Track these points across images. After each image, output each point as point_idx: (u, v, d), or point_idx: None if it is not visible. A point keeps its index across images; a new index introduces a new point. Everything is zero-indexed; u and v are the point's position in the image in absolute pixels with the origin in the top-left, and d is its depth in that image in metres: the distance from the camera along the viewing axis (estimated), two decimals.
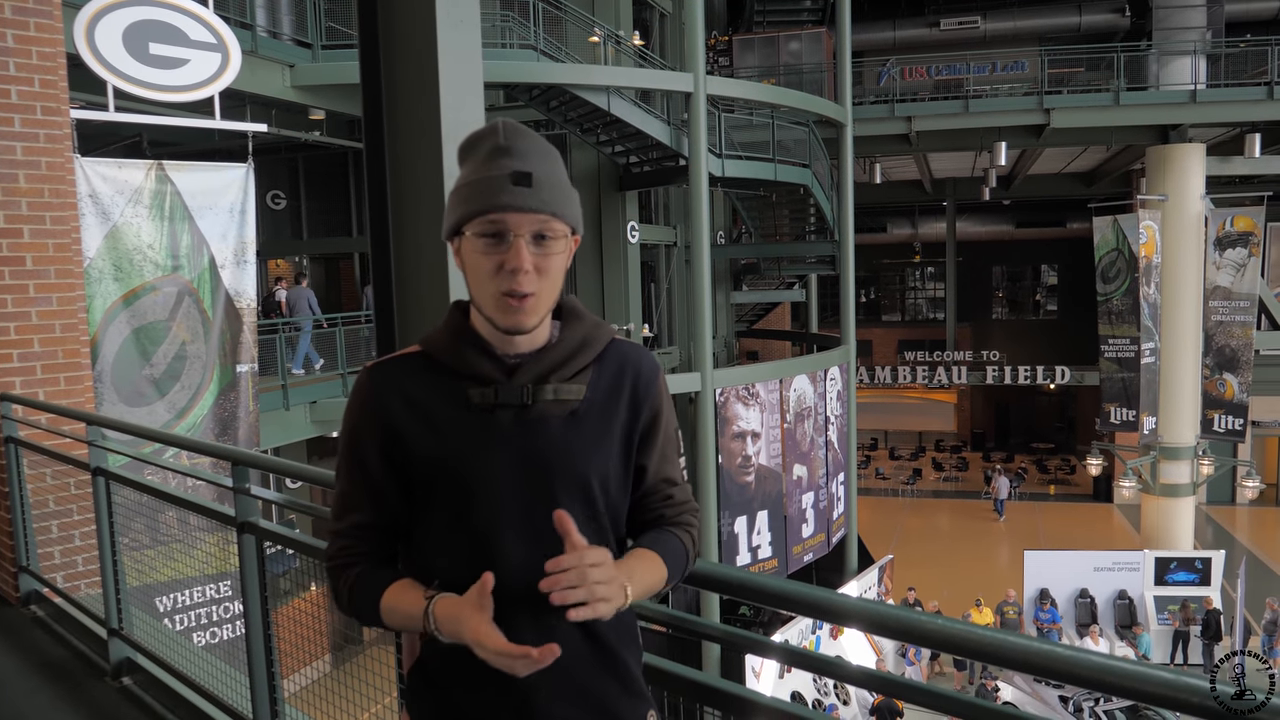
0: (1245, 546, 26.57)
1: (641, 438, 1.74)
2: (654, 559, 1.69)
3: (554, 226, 1.61)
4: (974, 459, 37.89)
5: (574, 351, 1.68)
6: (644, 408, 1.73)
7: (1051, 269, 40.40)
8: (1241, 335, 20.50)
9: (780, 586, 1.88)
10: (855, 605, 1.81)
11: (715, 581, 1.95)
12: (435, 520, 1.66)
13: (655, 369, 1.77)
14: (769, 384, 16.03)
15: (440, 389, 1.66)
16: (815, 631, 17.23)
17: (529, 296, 1.60)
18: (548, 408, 1.65)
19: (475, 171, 1.62)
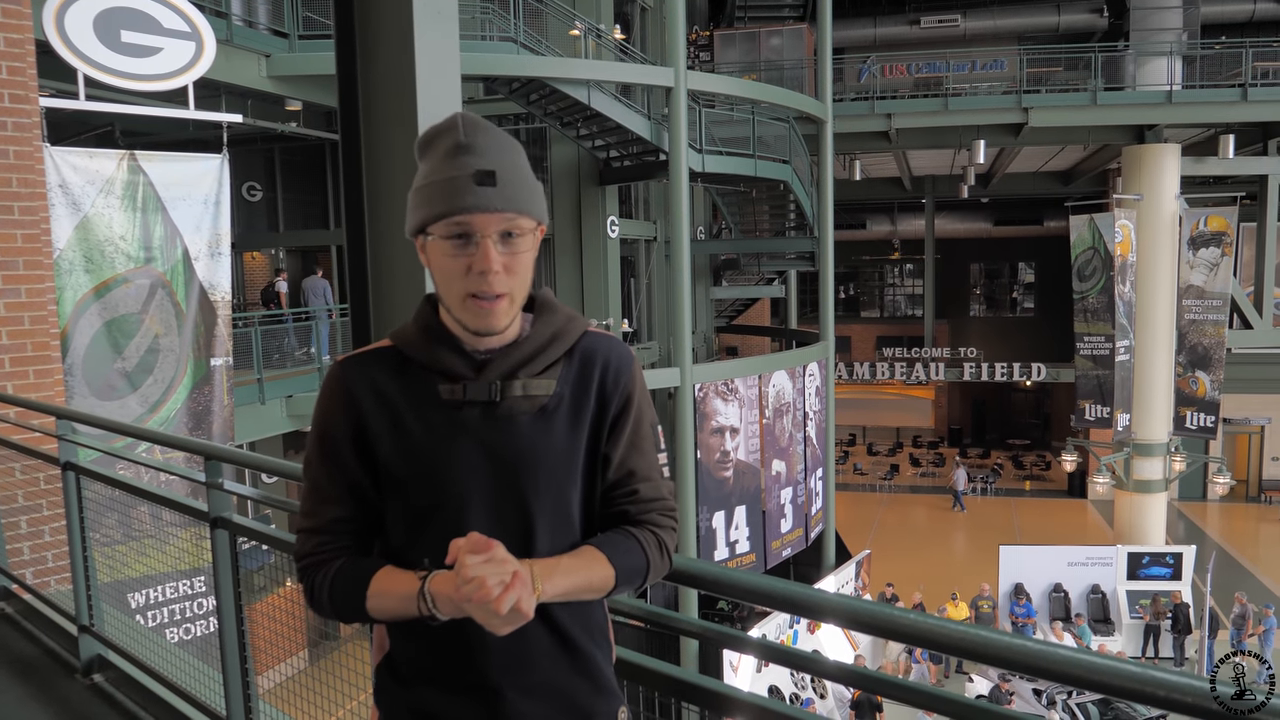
0: (1216, 542, 26.85)
1: (610, 428, 1.69)
2: (593, 558, 1.62)
3: (520, 224, 1.59)
4: (951, 455, 38.08)
5: (544, 346, 1.66)
6: (613, 398, 1.69)
7: (1029, 267, 40.66)
8: (1214, 334, 20.70)
9: (757, 582, 1.86)
10: (831, 600, 1.81)
11: (692, 577, 1.92)
12: (407, 517, 1.64)
13: (628, 359, 1.73)
14: (748, 379, 16.03)
15: (411, 385, 1.64)
16: (793, 626, 17.29)
17: (500, 298, 1.58)
18: (516, 404, 1.62)
19: (436, 171, 1.59)
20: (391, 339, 1.69)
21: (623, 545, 1.66)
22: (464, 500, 1.61)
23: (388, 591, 1.58)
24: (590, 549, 1.63)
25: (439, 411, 1.62)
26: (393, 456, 1.62)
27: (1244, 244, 25.99)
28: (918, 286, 40.51)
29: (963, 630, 1.57)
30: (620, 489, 1.71)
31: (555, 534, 1.64)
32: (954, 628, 1.58)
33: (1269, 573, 23.93)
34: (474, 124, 1.61)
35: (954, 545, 26.11)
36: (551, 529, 1.64)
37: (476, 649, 1.61)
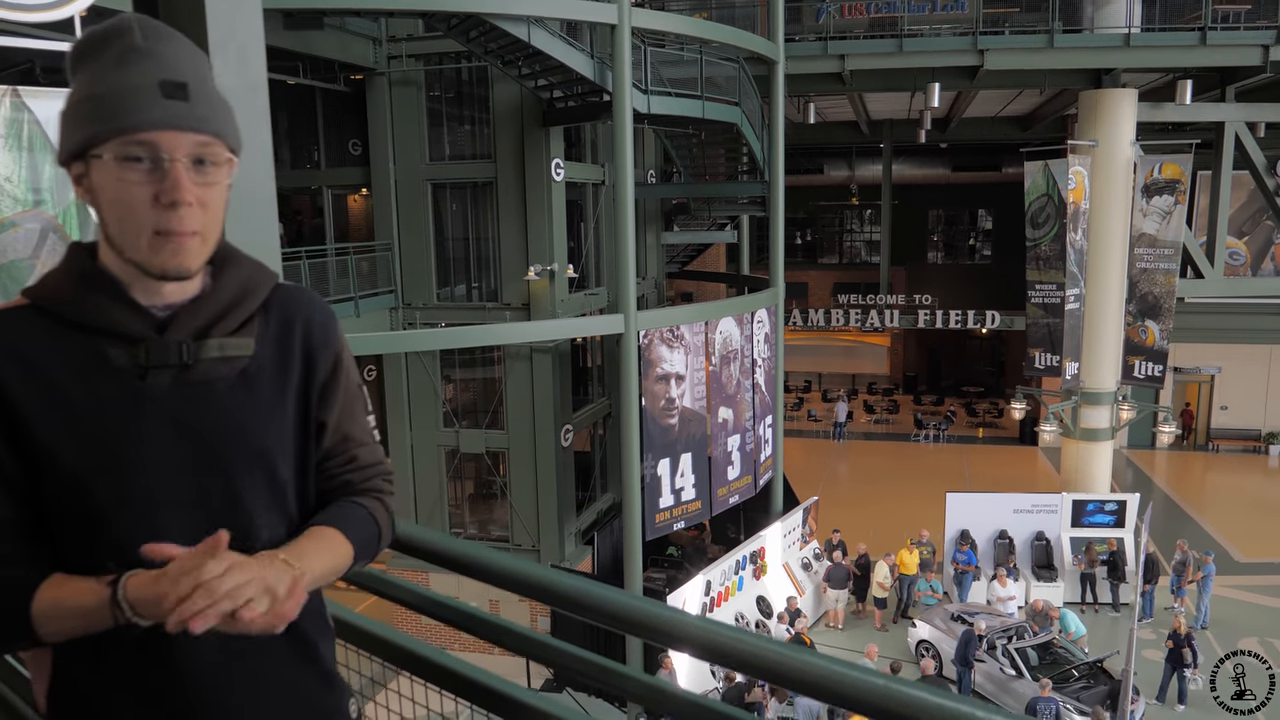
0: (1162, 490, 27.37)
1: (321, 391, 1.53)
2: (331, 537, 1.48)
3: (215, 150, 1.37)
4: (905, 402, 38.43)
5: (236, 299, 1.45)
6: (320, 358, 1.52)
7: (987, 213, 40.73)
8: (1165, 283, 20.82)
9: (607, 599, 1.61)
10: (682, 625, 1.55)
11: (554, 595, 1.69)
12: (81, 515, 1.38)
13: (330, 314, 1.57)
14: (694, 326, 15.93)
15: (68, 350, 1.36)
16: (738, 572, 17.43)
17: (194, 235, 1.35)
18: (213, 368, 1.42)
19: (108, 80, 1.33)
20: (28, 295, 1.41)
21: (354, 518, 1.53)
22: (155, 490, 1.38)
23: (62, 604, 1.32)
24: (324, 529, 1.49)
25: (112, 381, 1.37)
26: (55, 442, 1.35)
27: (1199, 192, 26.12)
28: (876, 233, 40.50)
29: (805, 662, 1.36)
30: (339, 457, 1.57)
31: (273, 518, 1.47)
32: (795, 659, 1.38)
33: (1212, 520, 24.44)
34: (153, 27, 1.37)
35: (905, 492, 26.37)
36: (269, 513, 1.46)
37: (183, 648, 1.38)
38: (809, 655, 1.34)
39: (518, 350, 16.21)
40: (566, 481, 17.24)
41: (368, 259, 15.81)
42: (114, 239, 1.37)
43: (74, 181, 1.37)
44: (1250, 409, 31.12)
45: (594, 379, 19.91)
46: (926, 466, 29.79)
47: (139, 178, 1.32)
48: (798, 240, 42.47)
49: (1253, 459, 30.49)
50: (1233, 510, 25.33)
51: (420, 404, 16.86)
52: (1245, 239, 29.52)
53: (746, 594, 17.55)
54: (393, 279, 16.17)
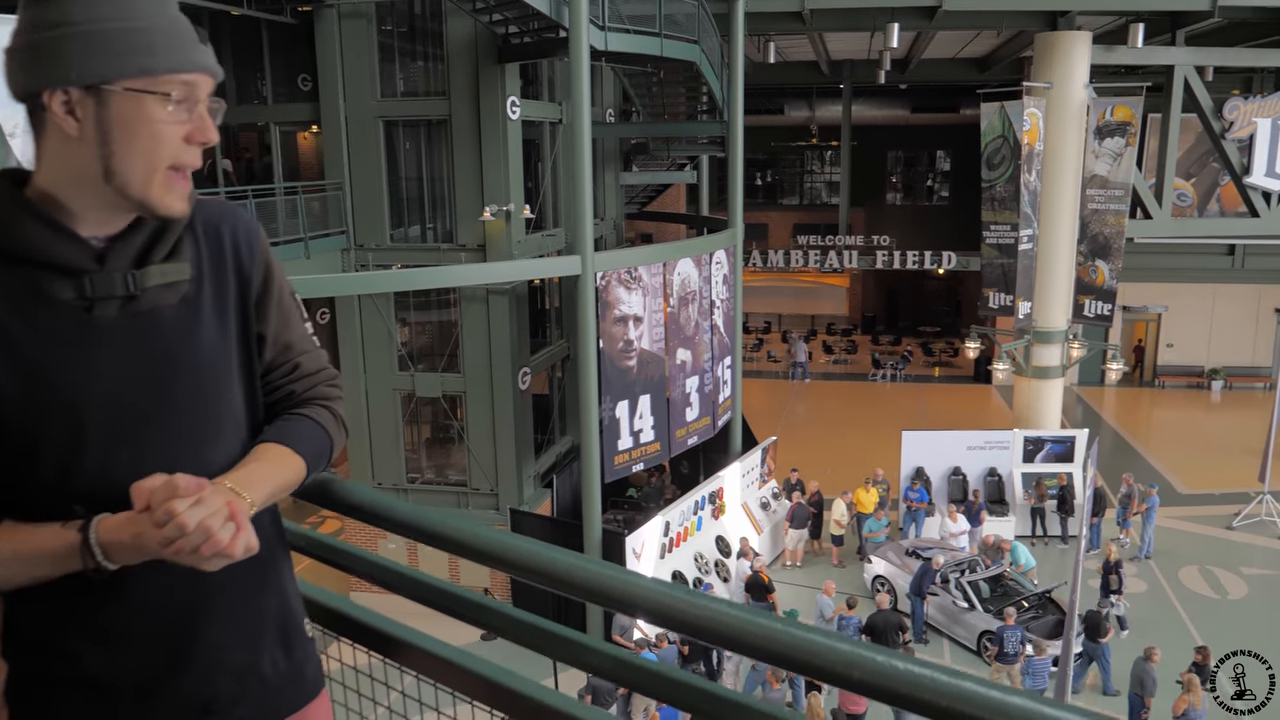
0: (1110, 425, 27.87)
1: (257, 304, 1.51)
2: (280, 454, 1.46)
3: (215, 98, 1.39)
4: (863, 342, 38.69)
5: (164, 223, 1.40)
6: (253, 269, 1.50)
7: (945, 155, 40.75)
8: (1115, 223, 20.99)
9: (553, 561, 1.49)
10: (638, 590, 1.40)
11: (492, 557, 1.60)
12: (37, 460, 1.33)
13: (253, 224, 1.53)
14: (652, 268, 15.83)
15: (6, 285, 1.30)
16: (697, 512, 17.56)
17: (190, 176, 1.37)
18: (157, 296, 1.38)
19: (149, 12, 1.29)
20: None
21: (303, 430, 1.52)
22: (115, 424, 1.34)
23: (20, 553, 1.29)
24: (273, 446, 1.47)
25: (58, 316, 1.32)
26: (3, 382, 1.30)
27: (1149, 135, 26.24)
28: (836, 174, 40.41)
29: (765, 626, 1.28)
30: (281, 367, 1.56)
31: (229, 441, 1.46)
32: (758, 625, 1.30)
33: (1157, 454, 24.95)
34: None
35: (862, 430, 26.64)
36: (225, 436, 1.45)
37: (151, 588, 1.38)
38: (762, 619, 1.28)
39: (474, 292, 16.02)
40: (524, 424, 17.18)
41: (318, 199, 15.45)
42: (120, 174, 1.31)
43: (47, 109, 1.29)
44: (1194, 346, 31.70)
45: (552, 321, 19.77)
46: (884, 405, 30.09)
47: (171, 116, 1.31)
48: (758, 181, 42.29)
49: (1196, 394, 31.13)
50: (1176, 444, 25.89)
51: (374, 348, 16.65)
52: (1192, 181, 29.78)
53: (705, 534, 17.70)
54: (344, 219, 15.84)
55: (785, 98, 38.31)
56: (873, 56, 28.80)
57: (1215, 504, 21.39)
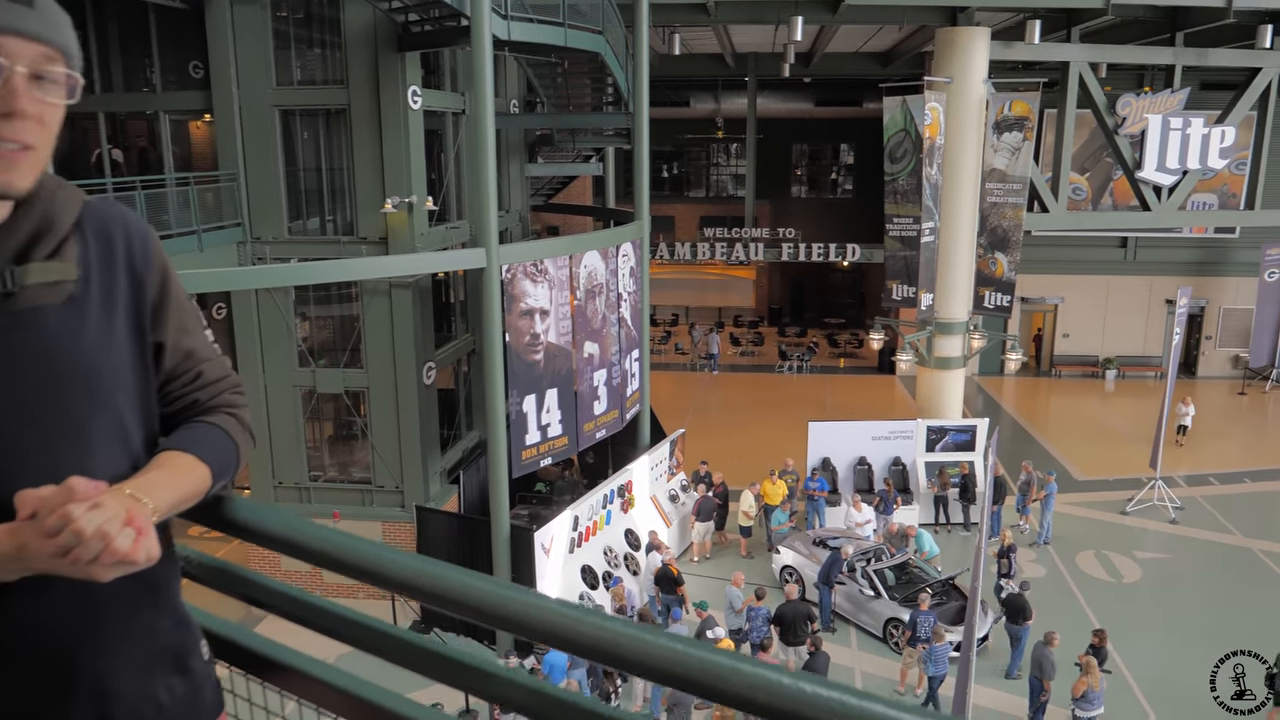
0: (1009, 414, 28.69)
1: (154, 310, 1.44)
2: (184, 462, 1.39)
3: (57, 68, 1.26)
4: (770, 334, 39.12)
5: (48, 219, 1.33)
6: (148, 274, 1.43)
7: (849, 148, 41.40)
8: (1013, 216, 21.57)
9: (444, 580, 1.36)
10: (532, 611, 1.28)
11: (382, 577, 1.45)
12: None
13: (146, 229, 1.46)
14: (558, 260, 15.69)
15: None
16: (606, 506, 17.52)
17: (28, 150, 1.24)
18: (38, 294, 1.30)
19: None
20: None
21: (208, 438, 1.46)
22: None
23: None
24: (175, 454, 1.39)
25: None
26: None
27: (1045, 129, 27.05)
28: (741, 166, 40.72)
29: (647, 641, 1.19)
30: (183, 376, 1.49)
31: (115, 450, 1.36)
32: (637, 640, 1.20)
33: (1054, 442, 25.78)
34: None
35: (769, 422, 26.93)
36: (112, 445, 1.36)
37: (33, 607, 1.29)
38: (664, 640, 1.19)
39: (376, 286, 15.69)
40: (430, 420, 16.91)
41: (212, 190, 14.92)
42: None
43: None
44: (1089, 337, 32.85)
45: (457, 315, 19.50)
46: (790, 397, 30.47)
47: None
48: (664, 174, 42.39)
49: (1091, 383, 32.26)
50: (1072, 432, 26.78)
51: (273, 343, 16.18)
52: (1087, 175, 30.86)
53: (614, 527, 17.68)
54: (240, 211, 15.34)
55: (691, 90, 38.47)
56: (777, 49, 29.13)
57: (1110, 490, 22.19)
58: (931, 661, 13.71)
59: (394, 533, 16.64)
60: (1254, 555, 18.93)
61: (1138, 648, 15.53)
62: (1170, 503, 20.81)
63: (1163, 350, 32.30)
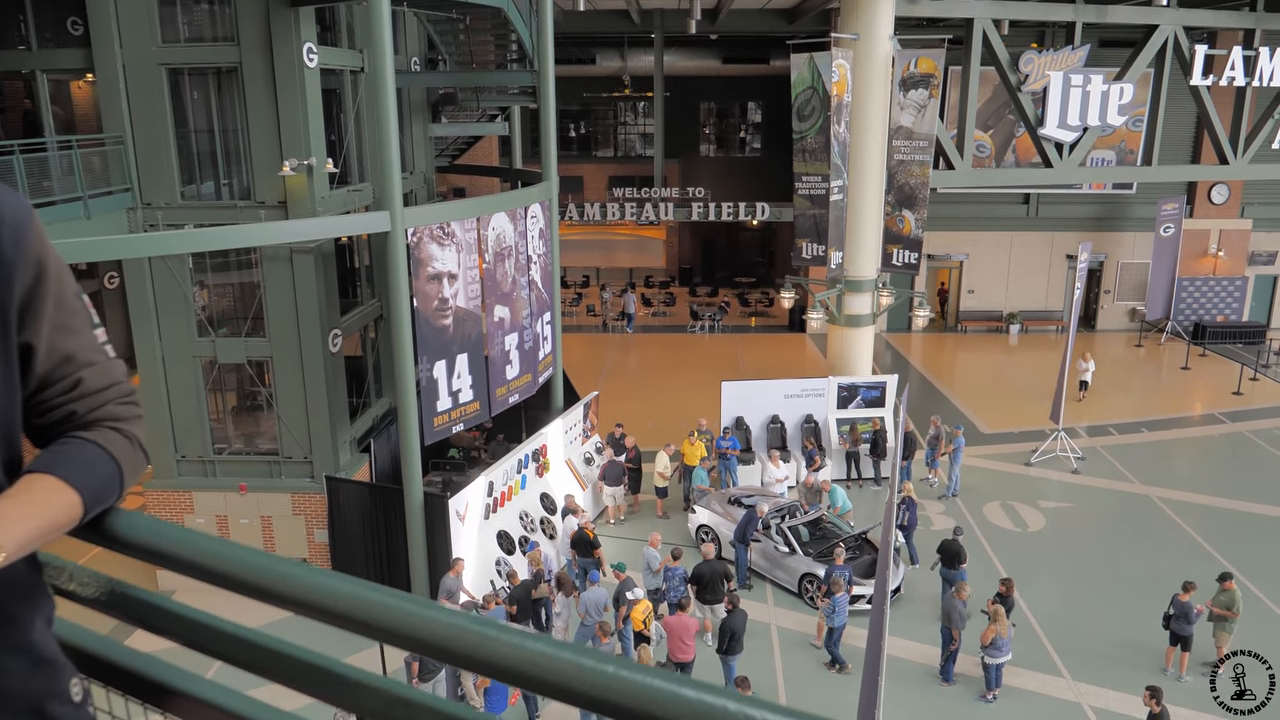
0: (918, 370, 29.41)
1: (22, 309, 1.28)
2: (47, 488, 1.24)
3: None
4: (682, 294, 39.32)
5: None
6: (18, 267, 1.26)
7: (757, 106, 41.60)
8: (920, 174, 21.99)
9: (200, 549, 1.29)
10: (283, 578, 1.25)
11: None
12: None
13: (26, 213, 1.28)
14: (465, 223, 15.50)
15: None
16: (521, 471, 17.51)
17: None
18: None
19: None
20: None
21: (82, 457, 1.29)
22: None
23: None
24: (37, 478, 1.24)
25: None
26: None
27: (950, 87, 27.57)
28: (650, 125, 40.64)
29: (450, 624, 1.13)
30: (58, 384, 1.32)
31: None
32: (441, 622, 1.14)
33: (961, 397, 26.54)
34: None
35: (683, 382, 27.16)
36: None
37: None
38: (567, 653, 1.08)
39: (276, 252, 15.29)
40: (337, 388, 16.64)
41: (98, 154, 14.32)
42: None
43: None
44: (993, 292, 33.80)
45: (362, 280, 19.16)
46: (703, 356, 30.75)
47: None
48: (571, 133, 42.07)
49: (995, 338, 33.24)
50: (979, 387, 27.61)
51: (170, 313, 15.68)
52: (990, 132, 31.59)
53: (530, 492, 17.70)
54: (128, 176, 14.76)
55: (597, 47, 38.15)
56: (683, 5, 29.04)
57: (1015, 442, 23.00)
58: (834, 613, 14.06)
59: (304, 504, 16.40)
60: (1151, 502, 19.84)
61: (1043, 595, 16.20)
62: (1072, 453, 21.66)
63: (1064, 305, 33.45)
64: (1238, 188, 32.44)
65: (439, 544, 15.04)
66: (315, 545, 16.54)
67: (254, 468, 16.55)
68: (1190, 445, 23.49)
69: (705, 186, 35.06)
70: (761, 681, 13.42)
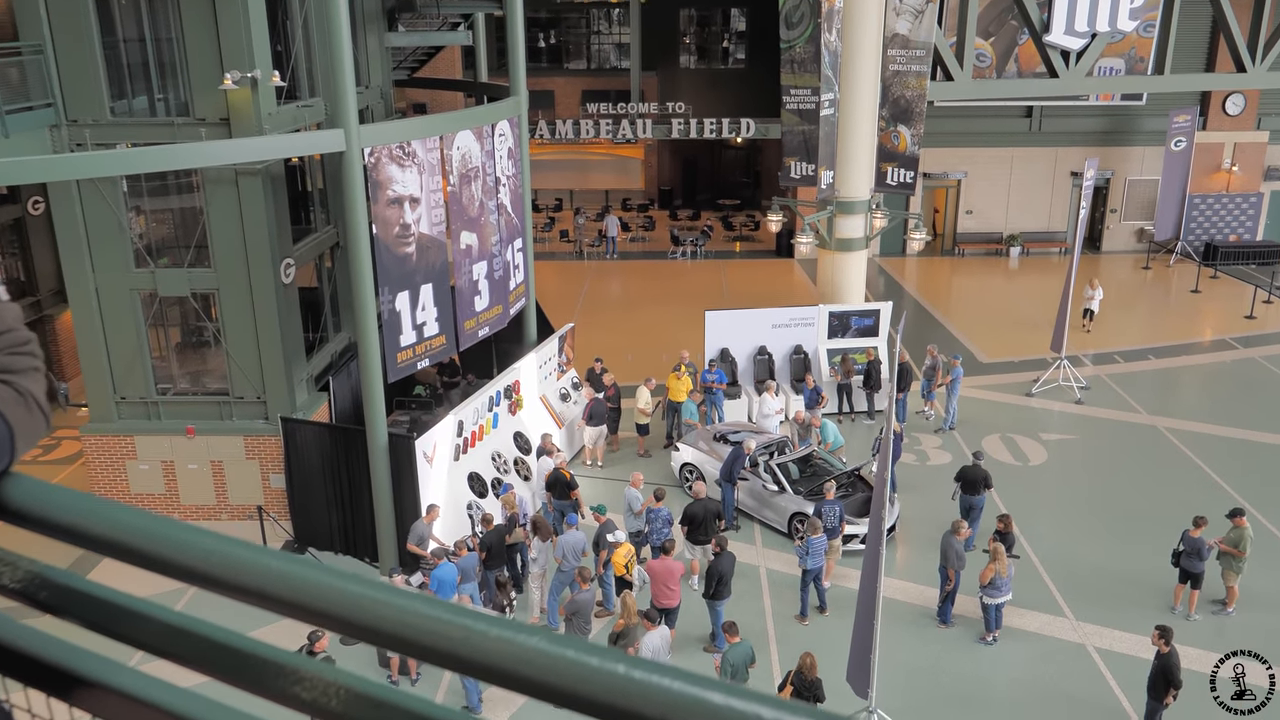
0: (913, 296, 29.34)
1: None
2: None
3: None
4: (661, 218, 38.94)
5: None
6: None
7: (741, 13, 40.80)
8: (916, 86, 21.60)
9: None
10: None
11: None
12: None
13: None
14: (427, 142, 15.11)
15: None
16: (493, 409, 17.38)
17: None
18: None
19: None
20: None
21: None
22: None
23: None
24: None
25: None
26: None
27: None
28: (625, 35, 39.87)
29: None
30: None
31: None
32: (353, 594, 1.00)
33: (959, 325, 26.50)
34: None
35: (663, 312, 26.98)
36: None
37: None
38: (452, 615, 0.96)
39: (220, 174, 14.86)
40: (291, 323, 16.34)
41: (14, 64, 13.77)
42: None
43: None
44: (993, 212, 33.64)
45: (316, 205, 18.75)
46: (685, 284, 30.54)
47: None
48: (540, 44, 41.26)
49: (995, 261, 33.17)
50: (977, 314, 27.59)
51: (103, 242, 15.26)
52: (991, 40, 31.10)
53: (503, 431, 17.57)
54: (50, 90, 14.23)
55: None
56: None
57: (1015, 372, 23.02)
58: (808, 555, 14.05)
59: (258, 447, 16.19)
60: (1159, 433, 19.94)
61: (1045, 532, 16.29)
62: (1075, 383, 21.68)
63: (1067, 225, 33.33)
64: (1254, 98, 32.21)
65: (405, 489, 14.92)
66: (271, 491, 16.37)
67: (202, 409, 16.31)
68: (1200, 372, 23.59)
69: (686, 101, 34.46)
70: (750, 626, 13.45)
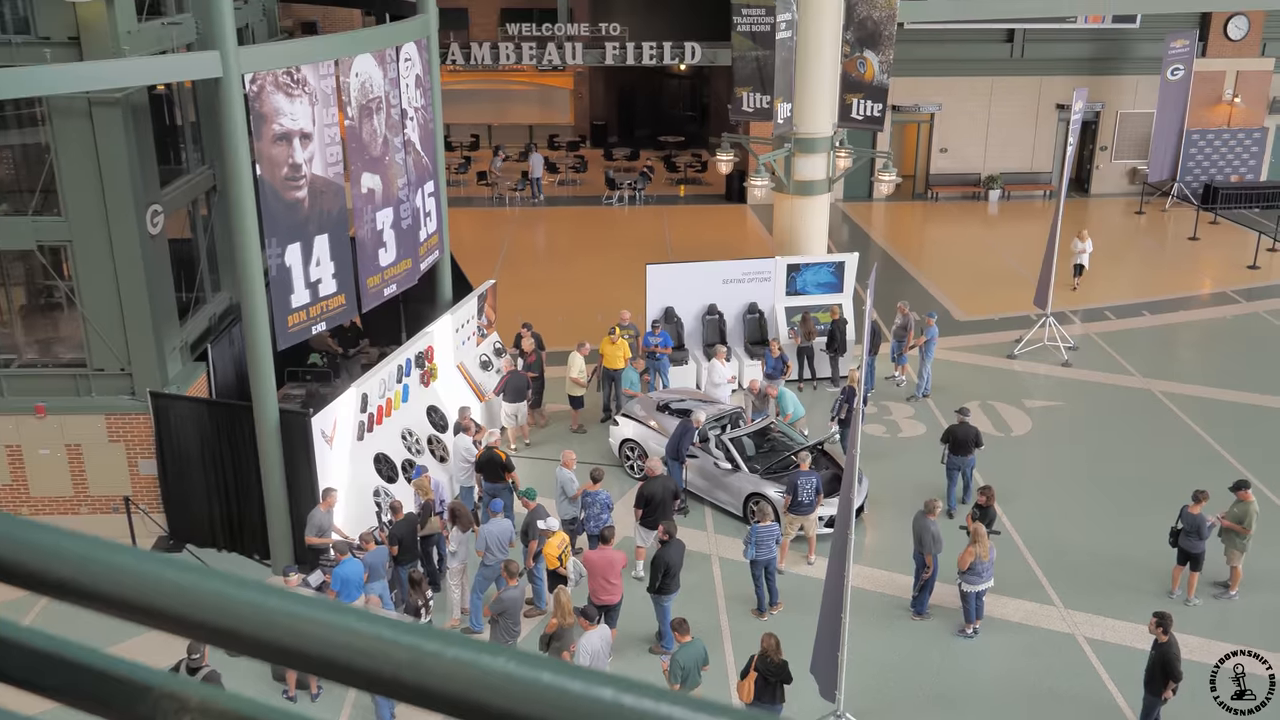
0: (880, 246, 29.44)
1: None
2: None
3: None
4: (594, 157, 38.67)
5: None
6: None
7: None
8: (885, 5, 21.49)
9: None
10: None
11: None
12: None
13: None
14: (320, 67, 14.74)
15: None
16: (402, 380, 17.17)
17: None
18: None
19: None
20: None
21: None
22: None
23: None
24: None
25: None
26: None
27: None
28: None
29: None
30: None
31: None
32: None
33: (933, 278, 26.63)
34: None
35: (598, 266, 26.80)
36: None
37: None
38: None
39: (70, 104, 14.35)
40: (161, 281, 15.91)
41: None
42: None
43: None
44: (970, 151, 33.82)
45: (188, 142, 18.27)
46: (622, 234, 30.40)
47: None
48: None
49: (972, 206, 33.41)
50: (953, 265, 27.77)
51: None
52: None
53: (414, 405, 17.37)
54: None
55: None
56: None
57: (995, 330, 23.20)
58: (751, 544, 13.98)
59: (123, 427, 15.80)
60: (1153, 397, 20.21)
61: (1030, 510, 16.44)
62: (1062, 343, 21.90)
63: (1053, 165, 33.62)
64: (1259, 20, 32.64)
65: (301, 473, 14.71)
66: (140, 479, 16.02)
67: (54, 383, 15.90)
68: (1199, 329, 23.99)
69: (621, 23, 34.14)
70: (702, 623, 13.40)
